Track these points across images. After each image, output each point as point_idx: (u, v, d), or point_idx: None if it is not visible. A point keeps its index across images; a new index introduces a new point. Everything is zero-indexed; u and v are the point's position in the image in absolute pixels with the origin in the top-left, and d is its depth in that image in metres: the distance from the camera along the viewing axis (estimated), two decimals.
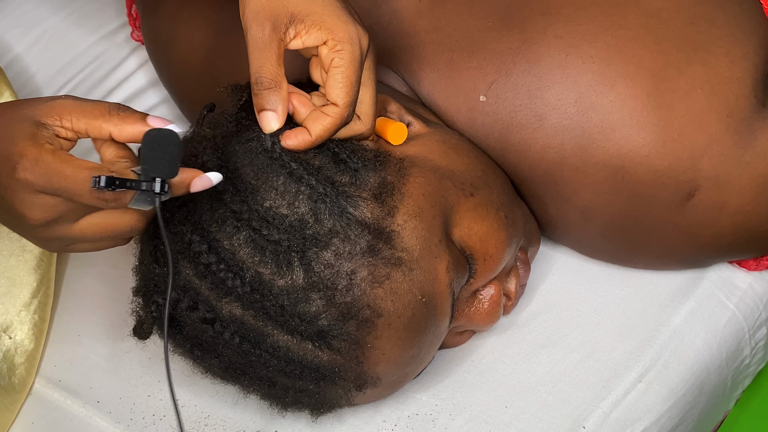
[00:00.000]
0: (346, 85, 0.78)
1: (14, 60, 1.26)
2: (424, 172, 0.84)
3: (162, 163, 0.72)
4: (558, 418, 0.90)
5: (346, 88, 0.78)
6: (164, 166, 0.72)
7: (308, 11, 0.78)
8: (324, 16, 0.78)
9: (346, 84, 0.78)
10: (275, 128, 0.79)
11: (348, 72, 0.78)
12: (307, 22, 0.78)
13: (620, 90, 0.87)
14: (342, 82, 0.78)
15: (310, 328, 0.79)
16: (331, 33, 0.78)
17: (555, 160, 0.89)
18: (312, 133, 0.79)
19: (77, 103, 0.75)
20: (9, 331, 0.94)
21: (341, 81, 0.78)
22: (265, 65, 0.77)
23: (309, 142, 0.79)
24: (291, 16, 0.78)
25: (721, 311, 0.97)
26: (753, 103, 0.88)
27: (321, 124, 0.79)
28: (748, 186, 0.88)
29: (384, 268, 0.79)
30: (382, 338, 0.80)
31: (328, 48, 0.78)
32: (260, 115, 0.79)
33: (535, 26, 0.89)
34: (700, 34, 0.88)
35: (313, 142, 0.79)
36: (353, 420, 0.91)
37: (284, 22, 0.78)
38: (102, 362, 0.97)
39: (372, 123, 0.82)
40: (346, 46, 0.78)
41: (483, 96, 0.90)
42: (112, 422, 0.92)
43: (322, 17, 0.78)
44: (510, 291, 0.91)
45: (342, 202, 0.79)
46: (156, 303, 0.82)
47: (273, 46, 0.77)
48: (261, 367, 0.81)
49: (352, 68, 0.78)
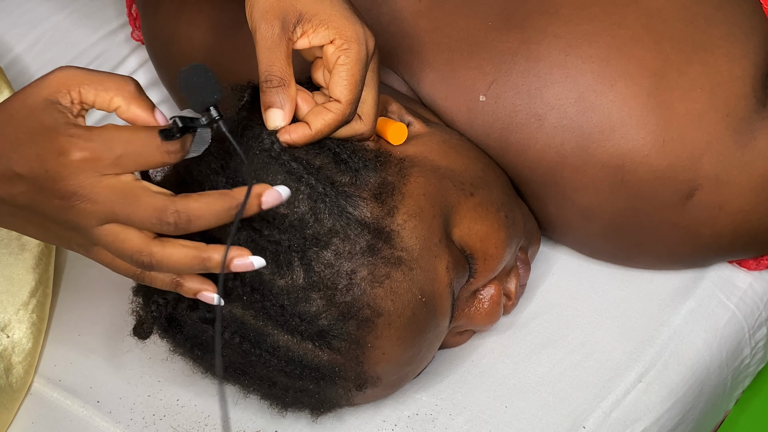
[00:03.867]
0: (350, 82, 0.78)
1: (14, 60, 1.26)
2: (425, 172, 0.84)
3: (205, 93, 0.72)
4: (558, 418, 0.90)
5: (350, 85, 0.78)
6: (209, 94, 0.72)
7: (316, 10, 0.78)
8: (332, 15, 0.78)
9: (351, 81, 0.78)
10: (281, 125, 0.78)
11: (353, 70, 0.78)
12: (315, 21, 0.78)
13: (620, 90, 0.87)
14: (346, 80, 0.78)
15: (310, 327, 0.79)
16: (338, 32, 0.78)
17: (555, 160, 0.89)
18: (312, 127, 0.79)
19: (86, 73, 0.74)
20: (7, 330, 0.94)
21: (345, 78, 0.78)
22: (275, 64, 0.77)
23: (309, 136, 0.79)
24: (299, 15, 0.78)
25: (721, 311, 0.97)
26: (753, 103, 0.88)
27: (322, 119, 0.78)
28: (747, 185, 0.88)
29: (384, 268, 0.79)
30: (382, 338, 0.80)
31: (335, 47, 0.78)
32: (267, 112, 0.78)
33: (534, 26, 0.89)
34: (700, 33, 0.88)
35: (312, 137, 0.79)
36: (353, 420, 0.91)
37: (293, 21, 0.78)
38: (102, 362, 0.97)
39: (373, 124, 0.82)
40: (353, 45, 0.78)
41: (483, 96, 0.90)
42: (112, 422, 0.92)
43: (330, 16, 0.78)
44: (510, 291, 0.91)
45: (342, 202, 0.79)
46: (156, 303, 0.82)
47: (282, 45, 0.77)
48: (261, 367, 0.81)
49: (357, 67, 0.78)
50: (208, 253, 0.73)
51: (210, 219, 0.72)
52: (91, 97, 0.73)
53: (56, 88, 0.73)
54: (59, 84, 0.73)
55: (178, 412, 0.92)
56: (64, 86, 0.73)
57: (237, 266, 0.73)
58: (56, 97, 0.72)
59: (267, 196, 0.73)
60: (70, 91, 0.73)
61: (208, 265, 0.73)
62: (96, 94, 0.73)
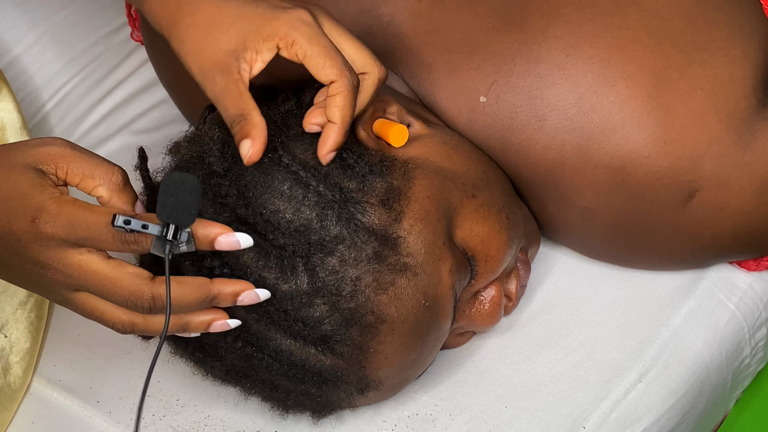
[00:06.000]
0: (324, 58, 0.76)
1: (14, 60, 1.26)
2: (428, 174, 0.84)
3: (179, 209, 0.69)
4: (558, 418, 0.90)
5: (328, 59, 0.76)
6: (181, 213, 0.69)
7: (244, 38, 0.76)
8: (258, 28, 0.76)
9: (323, 57, 0.76)
10: (252, 152, 0.76)
11: (315, 50, 0.77)
12: (251, 48, 0.77)
13: (620, 91, 0.87)
14: (319, 60, 0.76)
15: (313, 332, 0.79)
16: (275, 36, 0.77)
17: (555, 161, 0.89)
18: (336, 120, 0.77)
19: (77, 155, 0.73)
20: (4, 330, 0.94)
21: (316, 59, 0.77)
22: (229, 108, 0.76)
23: (336, 128, 0.78)
24: (234, 53, 0.77)
25: (721, 311, 0.97)
26: (753, 104, 0.88)
27: (335, 107, 0.77)
28: (748, 186, 0.88)
29: (389, 275, 0.79)
30: (385, 343, 0.80)
31: (284, 48, 0.77)
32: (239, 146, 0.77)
33: (535, 27, 0.89)
34: (700, 34, 0.88)
35: (341, 127, 0.78)
36: (353, 420, 0.91)
37: (233, 63, 0.77)
38: (102, 362, 0.96)
39: (376, 62, 0.80)
40: (294, 35, 0.76)
41: (483, 97, 0.90)
42: (112, 422, 0.92)
43: (258, 32, 0.76)
44: (511, 292, 0.91)
45: (351, 209, 0.79)
46: None
47: (231, 89, 0.76)
48: (263, 371, 0.81)
49: (316, 43, 0.77)
50: None
51: (184, 307, 0.72)
52: (76, 179, 0.73)
53: (43, 159, 0.72)
54: (48, 157, 0.72)
55: (178, 413, 0.92)
56: (53, 160, 0.72)
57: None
58: (41, 167, 0.72)
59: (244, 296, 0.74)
60: (57, 167, 0.72)
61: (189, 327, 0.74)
62: (82, 178, 0.73)
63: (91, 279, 0.71)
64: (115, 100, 1.24)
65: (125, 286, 0.71)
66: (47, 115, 1.24)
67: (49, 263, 0.71)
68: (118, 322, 0.73)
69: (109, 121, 1.23)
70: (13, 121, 1.07)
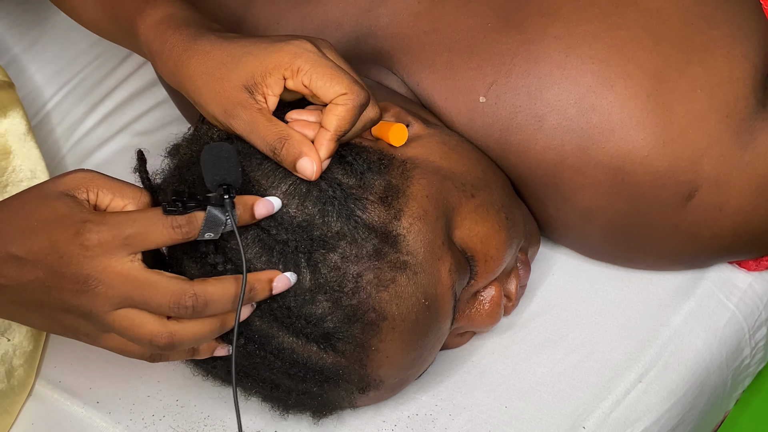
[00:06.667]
0: (329, 79, 0.77)
1: (13, 59, 1.26)
2: (427, 174, 0.84)
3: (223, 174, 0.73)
4: (558, 418, 0.90)
5: (334, 79, 0.77)
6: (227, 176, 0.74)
7: (252, 73, 0.78)
8: (263, 62, 0.78)
9: (328, 77, 0.77)
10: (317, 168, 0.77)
11: (320, 71, 0.77)
12: (260, 82, 0.78)
13: (620, 91, 0.87)
14: (325, 81, 0.77)
15: (315, 330, 0.79)
16: (280, 67, 0.78)
17: (555, 161, 0.89)
18: (330, 128, 0.78)
19: (105, 178, 0.76)
20: (7, 334, 0.94)
21: (322, 80, 0.77)
22: (265, 136, 0.78)
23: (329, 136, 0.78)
24: (247, 89, 0.78)
25: (721, 311, 0.97)
26: (753, 104, 0.88)
27: (334, 114, 0.78)
28: (748, 186, 0.88)
29: (389, 272, 0.79)
30: (386, 341, 0.80)
31: (290, 78, 0.78)
32: (296, 168, 0.78)
33: (534, 27, 0.89)
34: (700, 34, 0.88)
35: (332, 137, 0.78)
36: (353, 420, 0.91)
37: (249, 98, 0.78)
38: (102, 362, 0.96)
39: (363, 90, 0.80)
40: (297, 62, 0.77)
41: (483, 97, 0.90)
42: (112, 422, 0.93)
43: (263, 66, 0.78)
44: (510, 292, 0.91)
45: (350, 205, 0.79)
46: None
47: (258, 119, 0.78)
48: (265, 369, 0.81)
49: (320, 65, 0.77)
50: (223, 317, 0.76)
51: (226, 303, 0.75)
52: (106, 200, 0.76)
53: (75, 185, 0.75)
54: (78, 182, 0.75)
55: (178, 413, 0.92)
56: (84, 185, 0.75)
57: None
58: (73, 192, 0.75)
59: (278, 282, 0.76)
60: (88, 190, 0.75)
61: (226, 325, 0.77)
62: (112, 199, 0.76)
63: (133, 285, 0.73)
64: (116, 100, 1.24)
65: (167, 286, 0.73)
66: (47, 115, 1.24)
67: (92, 274, 0.72)
68: (156, 334, 0.74)
69: (109, 122, 1.23)
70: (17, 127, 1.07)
